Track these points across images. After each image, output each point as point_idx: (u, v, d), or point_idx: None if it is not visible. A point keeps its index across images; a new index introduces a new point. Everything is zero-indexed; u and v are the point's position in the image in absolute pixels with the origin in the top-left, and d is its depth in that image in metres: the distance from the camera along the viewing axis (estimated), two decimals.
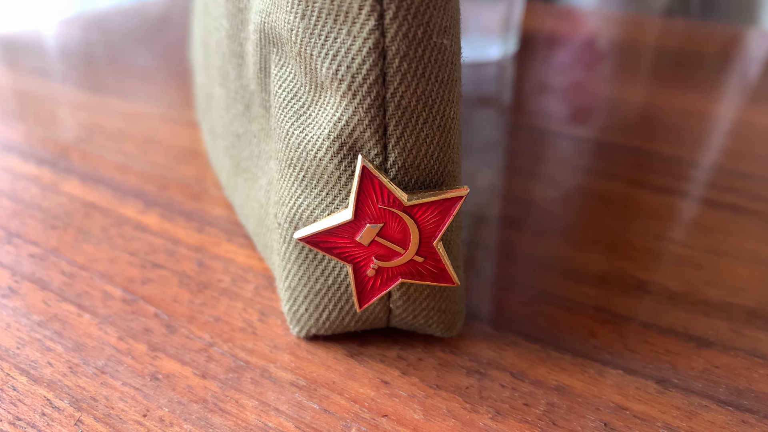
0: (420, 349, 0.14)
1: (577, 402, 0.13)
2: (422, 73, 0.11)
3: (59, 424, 0.12)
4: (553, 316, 0.15)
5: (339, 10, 0.10)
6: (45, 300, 0.15)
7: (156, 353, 0.14)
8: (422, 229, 0.12)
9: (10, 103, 0.27)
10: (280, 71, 0.12)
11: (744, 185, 0.22)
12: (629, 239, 0.18)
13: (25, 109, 0.26)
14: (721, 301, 0.16)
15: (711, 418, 0.13)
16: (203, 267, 0.16)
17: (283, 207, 0.13)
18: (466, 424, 0.12)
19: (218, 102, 0.17)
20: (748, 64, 0.37)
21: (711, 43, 0.41)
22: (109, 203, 0.19)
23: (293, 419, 0.12)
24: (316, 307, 0.13)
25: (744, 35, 0.43)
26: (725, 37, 0.42)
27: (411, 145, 0.11)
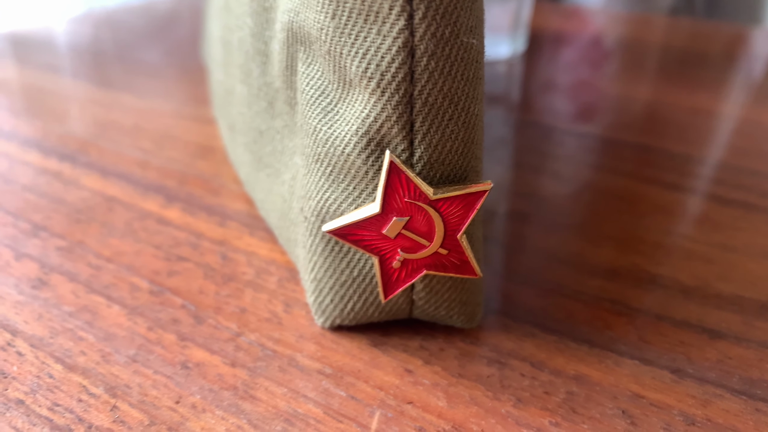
0: (441, 340, 0.14)
1: (595, 390, 0.13)
2: (449, 71, 0.11)
3: (96, 409, 0.12)
4: (569, 308, 0.16)
5: (370, 10, 0.11)
6: (74, 291, 0.16)
7: (185, 343, 0.14)
8: (447, 223, 0.12)
9: (26, 100, 0.27)
10: (308, 69, 0.13)
11: (752, 182, 0.22)
12: (640, 234, 0.19)
13: (41, 106, 0.27)
14: (732, 295, 0.16)
15: (725, 406, 0.13)
16: (227, 260, 0.17)
17: (310, 201, 0.13)
18: (489, 411, 0.12)
19: (239, 99, 0.18)
20: (754, 62, 0.37)
21: (716, 42, 0.41)
22: (130, 198, 0.20)
23: (322, 405, 0.12)
24: (341, 298, 0.14)
25: (749, 34, 0.44)
26: (730, 37, 0.42)
27: (437, 141, 0.12)
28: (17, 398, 0.13)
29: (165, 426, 0.12)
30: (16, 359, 0.14)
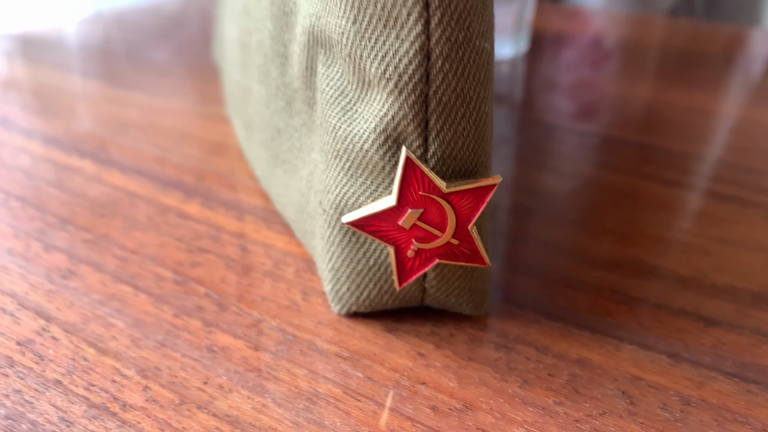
0: (451, 326, 0.15)
1: (597, 373, 0.14)
2: (462, 73, 0.12)
3: (129, 389, 0.13)
4: (572, 297, 0.16)
5: (389, 16, 0.11)
6: (102, 281, 0.16)
7: (210, 328, 0.15)
8: (458, 214, 0.13)
9: (44, 99, 0.28)
10: (328, 70, 0.14)
11: (748, 179, 0.23)
12: (640, 228, 0.20)
13: (59, 105, 0.27)
14: (727, 285, 0.17)
15: (719, 387, 0.14)
16: (246, 251, 0.18)
17: (329, 195, 0.14)
18: (497, 391, 0.13)
19: (257, 98, 0.19)
20: (752, 63, 0.38)
21: (715, 43, 0.42)
22: (150, 193, 0.20)
23: (341, 386, 0.13)
24: (357, 286, 0.15)
25: (748, 35, 0.44)
26: (729, 37, 0.43)
27: (450, 138, 0.12)
28: (55, 379, 0.13)
29: (194, 405, 0.13)
30: (52, 343, 0.14)
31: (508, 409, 0.13)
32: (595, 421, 0.13)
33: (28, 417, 0.13)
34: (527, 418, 0.13)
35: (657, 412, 0.13)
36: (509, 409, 0.13)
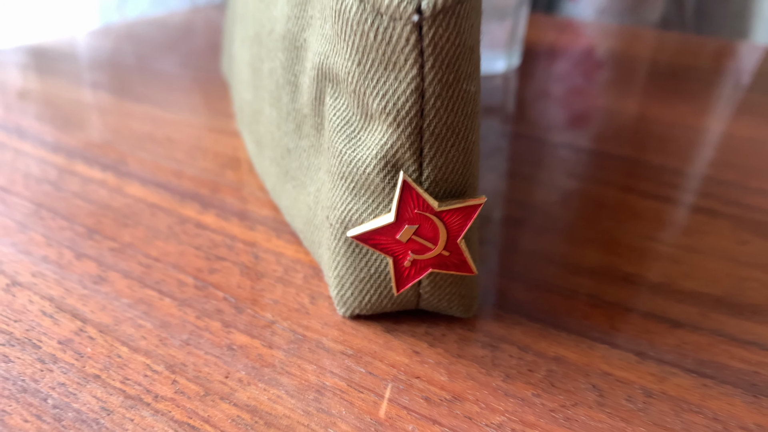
0: (443, 327, 0.17)
1: (571, 369, 0.16)
2: (451, 109, 0.14)
3: (159, 383, 0.15)
4: (552, 301, 0.18)
5: (389, 61, 0.13)
6: (129, 286, 0.18)
7: (229, 329, 0.17)
8: (449, 230, 0.15)
9: (65, 113, 0.30)
10: (335, 102, 0.15)
11: (720, 191, 0.25)
12: (619, 238, 0.22)
13: (78, 119, 0.29)
14: (693, 291, 0.19)
15: (678, 382, 0.16)
16: (259, 259, 0.19)
17: (335, 211, 0.16)
18: (483, 384, 0.15)
19: (268, 119, 0.21)
20: (737, 76, 0.40)
21: (702, 56, 0.44)
22: (170, 204, 0.22)
23: (345, 379, 0.15)
24: (360, 291, 0.16)
25: (735, 48, 0.46)
26: (716, 50, 0.45)
27: (441, 164, 0.14)
28: (94, 373, 0.15)
29: (217, 396, 0.15)
30: (89, 342, 0.16)
31: (492, 400, 0.15)
32: (568, 411, 0.15)
33: (73, 407, 0.14)
34: (508, 407, 0.15)
35: (622, 403, 0.15)
36: (493, 400, 0.15)
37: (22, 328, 0.17)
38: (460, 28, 0.13)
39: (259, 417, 0.14)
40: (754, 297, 0.19)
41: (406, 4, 0.12)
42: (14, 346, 0.16)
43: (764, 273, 0.20)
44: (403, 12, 0.12)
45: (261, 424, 0.14)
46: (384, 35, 0.13)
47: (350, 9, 0.13)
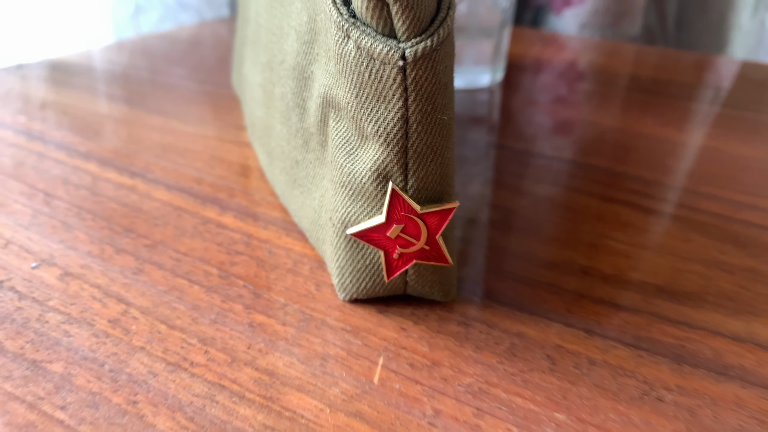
0: (426, 309, 0.20)
1: (530, 343, 0.19)
2: (430, 132, 0.17)
3: (193, 352, 0.18)
4: (518, 289, 0.22)
5: (380, 95, 0.17)
6: (163, 276, 0.22)
7: (249, 311, 0.20)
8: (429, 228, 0.18)
9: (92, 124, 0.33)
10: (337, 124, 0.19)
11: (674, 196, 0.29)
12: (578, 237, 0.25)
13: (106, 130, 0.33)
14: (639, 281, 0.23)
15: (618, 353, 0.19)
16: (272, 254, 0.23)
17: (337, 213, 0.19)
18: (456, 354, 0.19)
19: (279, 135, 0.24)
20: (705, 90, 0.43)
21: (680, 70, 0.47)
22: (193, 207, 0.26)
23: (345, 349, 0.19)
24: (357, 279, 0.20)
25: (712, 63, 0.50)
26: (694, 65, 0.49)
27: (422, 176, 0.18)
28: (140, 346, 0.19)
29: (242, 362, 0.18)
30: (133, 322, 0.20)
31: (464, 365, 0.18)
32: (525, 375, 0.18)
33: (125, 371, 0.18)
34: (476, 371, 0.18)
35: (570, 369, 0.18)
36: (464, 365, 0.18)
37: (77, 310, 0.20)
38: (435, 69, 0.16)
39: (276, 378, 0.18)
40: (690, 286, 0.22)
41: (393, 52, 0.16)
42: (72, 324, 0.19)
43: (702, 266, 0.24)
44: (391, 58, 0.16)
45: (278, 383, 0.17)
46: (376, 75, 0.16)
47: (350, 54, 0.17)
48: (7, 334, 0.19)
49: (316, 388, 0.17)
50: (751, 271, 0.24)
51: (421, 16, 0.16)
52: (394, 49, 0.16)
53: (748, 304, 0.22)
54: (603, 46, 0.54)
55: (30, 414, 0.16)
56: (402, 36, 0.16)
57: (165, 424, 0.16)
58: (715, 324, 0.21)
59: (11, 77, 0.41)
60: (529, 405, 0.17)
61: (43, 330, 0.19)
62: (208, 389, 0.17)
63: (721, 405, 0.18)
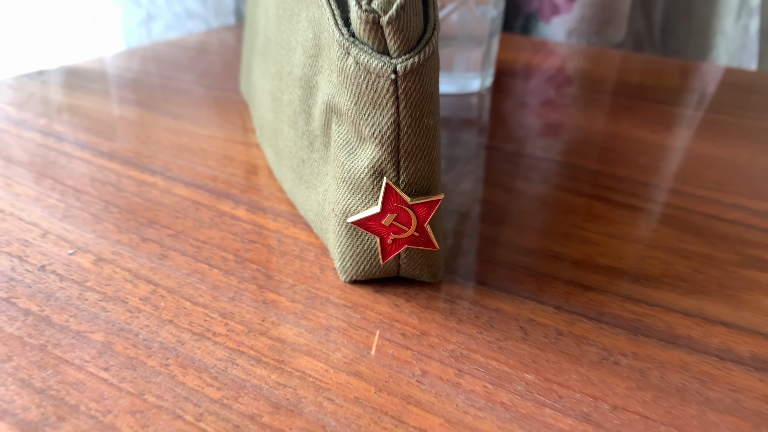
0: (416, 288, 0.23)
1: (507, 317, 0.22)
2: (418, 135, 0.20)
3: (215, 325, 0.21)
4: (498, 272, 0.25)
5: (375, 103, 0.20)
6: (186, 261, 0.25)
7: (262, 290, 0.23)
8: (418, 217, 0.21)
9: (113, 127, 0.36)
10: (339, 128, 0.22)
11: (643, 191, 0.32)
12: (554, 227, 0.28)
13: (125, 132, 0.36)
14: (605, 265, 0.26)
15: (582, 326, 0.22)
16: (281, 242, 0.26)
17: (338, 205, 0.22)
18: (442, 326, 0.22)
19: (286, 136, 0.27)
20: (685, 94, 0.46)
21: (657, 75, 0.50)
22: (209, 202, 0.29)
23: (346, 322, 0.22)
24: (356, 262, 0.23)
25: (697, 69, 0.53)
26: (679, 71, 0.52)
27: (412, 172, 0.21)
28: (168, 319, 0.22)
29: (257, 332, 0.21)
30: (161, 300, 0.23)
31: (448, 335, 0.21)
32: (501, 343, 0.21)
33: (157, 340, 0.21)
34: (459, 340, 0.21)
35: (540, 339, 0.21)
36: (448, 335, 0.21)
37: (111, 290, 0.23)
38: (422, 81, 0.19)
39: (287, 345, 0.21)
40: (651, 270, 0.25)
41: (386, 67, 0.19)
42: (108, 301, 0.22)
43: (662, 253, 0.27)
44: (384, 72, 0.19)
45: (288, 349, 0.20)
46: (372, 86, 0.19)
47: (350, 68, 0.20)
48: (53, 309, 0.22)
49: (321, 353, 0.20)
50: (706, 257, 0.26)
51: (410, 36, 0.19)
52: (387, 65, 0.19)
53: (701, 285, 0.25)
54: (588, 52, 0.57)
55: (79, 374, 0.19)
56: (394, 53, 0.19)
57: (193, 383, 0.19)
58: (670, 302, 0.24)
59: (33, 82, 0.44)
60: (503, 367, 0.20)
61: (83, 306, 0.22)
62: (229, 354, 0.20)
63: (668, 368, 0.21)
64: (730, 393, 0.20)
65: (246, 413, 0.18)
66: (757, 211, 0.30)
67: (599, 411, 0.19)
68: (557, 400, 0.19)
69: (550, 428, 0.18)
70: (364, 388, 0.19)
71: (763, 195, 0.32)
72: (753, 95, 0.47)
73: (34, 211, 0.28)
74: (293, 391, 0.19)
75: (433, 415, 0.18)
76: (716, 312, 0.23)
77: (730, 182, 0.33)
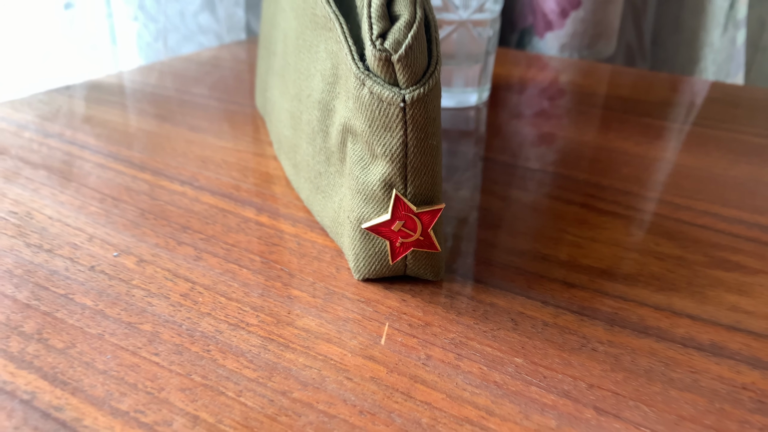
0: (421, 285, 0.27)
1: (500, 310, 0.26)
2: (422, 153, 0.24)
3: (248, 316, 0.25)
4: (493, 272, 0.28)
5: (386, 126, 0.23)
6: (218, 262, 0.28)
7: (287, 287, 0.26)
8: (423, 224, 0.25)
9: (140, 140, 0.40)
10: (354, 146, 0.25)
11: (624, 199, 0.35)
12: (543, 232, 0.31)
13: (153, 144, 0.39)
14: (587, 265, 0.29)
15: (565, 318, 0.25)
16: (300, 245, 0.29)
17: (353, 213, 0.26)
18: (443, 317, 0.25)
19: (305, 151, 0.30)
20: (670, 108, 0.50)
21: (652, 90, 0.54)
22: (234, 209, 0.32)
23: (360, 314, 0.25)
24: (369, 263, 0.26)
25: (683, 83, 0.57)
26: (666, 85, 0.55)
27: (418, 185, 0.24)
28: (206, 312, 0.25)
29: (284, 323, 0.24)
30: (199, 295, 0.26)
31: (448, 325, 0.25)
32: (494, 332, 0.24)
33: (198, 329, 0.24)
34: (458, 330, 0.24)
35: (528, 329, 0.25)
36: (449, 326, 0.25)
37: (155, 287, 0.26)
38: (427, 108, 0.23)
39: (311, 334, 0.24)
40: (628, 269, 0.29)
41: (396, 97, 0.22)
42: (153, 297, 0.26)
43: (639, 255, 0.30)
44: (394, 101, 0.22)
45: (312, 337, 0.24)
46: (384, 112, 0.23)
47: (365, 96, 0.23)
48: (106, 304, 0.25)
49: (340, 341, 0.24)
50: (678, 258, 0.30)
51: (417, 71, 0.22)
52: (397, 95, 0.22)
53: (671, 283, 0.28)
54: (580, 66, 0.61)
55: (134, 358, 0.23)
56: (403, 85, 0.23)
57: (232, 365, 0.22)
58: (643, 297, 0.27)
59: (61, 97, 0.47)
60: (496, 353, 0.24)
61: (131, 301, 0.25)
62: (262, 341, 0.24)
63: (639, 353, 0.24)
64: (690, 374, 0.23)
65: (279, 390, 0.21)
66: (726, 217, 0.34)
67: (578, 389, 0.22)
68: (542, 379, 0.22)
69: (535, 403, 0.21)
70: (377, 369, 0.22)
71: (732, 202, 0.35)
72: (733, 108, 0.51)
73: (78, 217, 0.31)
74: (318, 372, 0.22)
75: (436, 391, 0.22)
76: (683, 306, 0.27)
77: (703, 190, 0.37)
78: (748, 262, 0.30)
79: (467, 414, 0.21)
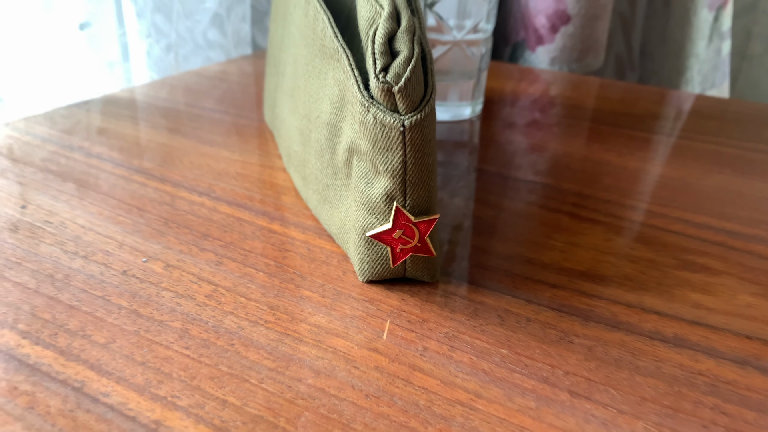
0: (419, 286, 0.30)
1: (487, 307, 0.29)
2: (420, 170, 0.27)
3: (265, 314, 0.28)
4: (482, 273, 0.31)
5: (387, 146, 0.26)
6: (237, 267, 0.31)
7: (299, 288, 0.30)
8: (420, 232, 0.28)
9: (159, 153, 0.43)
10: (359, 164, 0.29)
11: (605, 207, 0.38)
12: (529, 237, 0.35)
13: (171, 158, 0.42)
14: (568, 267, 0.32)
15: (546, 314, 0.29)
16: (310, 251, 0.33)
17: (358, 222, 0.29)
18: (438, 314, 0.28)
19: (313, 166, 0.34)
20: (653, 120, 0.53)
21: (638, 103, 0.57)
22: (250, 218, 0.35)
23: (364, 312, 0.28)
24: (372, 266, 0.29)
25: (668, 96, 0.60)
26: (653, 98, 0.59)
27: (416, 198, 0.27)
28: (229, 311, 0.28)
29: (298, 320, 0.28)
30: (222, 296, 0.29)
31: (443, 321, 0.28)
32: (483, 327, 0.28)
33: (222, 326, 0.27)
34: (451, 325, 0.28)
35: (513, 324, 0.28)
36: (443, 321, 0.28)
37: (182, 289, 0.30)
38: (423, 132, 0.26)
39: (321, 329, 0.27)
40: (605, 271, 0.32)
41: (397, 122, 0.26)
42: (180, 298, 0.29)
43: (614, 258, 0.33)
44: (395, 125, 0.26)
45: (323, 332, 0.27)
46: (386, 135, 0.26)
47: (369, 121, 0.26)
48: (139, 304, 0.29)
49: (348, 335, 0.27)
50: (650, 261, 0.33)
51: (415, 99, 0.26)
52: (398, 120, 0.26)
53: (642, 283, 0.31)
54: (569, 79, 0.64)
55: (167, 351, 0.26)
56: (402, 112, 0.26)
57: (254, 357, 0.26)
58: (616, 296, 0.30)
59: (80, 111, 0.51)
60: (484, 344, 0.27)
61: (161, 302, 0.29)
62: (279, 336, 0.27)
63: (610, 345, 0.27)
64: (654, 362, 0.26)
65: (295, 377, 0.25)
66: (697, 224, 0.37)
67: (555, 375, 0.25)
68: (524, 367, 0.26)
69: (518, 387, 0.25)
70: (380, 359, 0.26)
71: (703, 210, 0.39)
72: (712, 121, 0.54)
73: (108, 226, 0.34)
74: (329, 362, 0.25)
75: (432, 378, 0.25)
76: (652, 304, 0.30)
77: (678, 199, 0.40)
78: (712, 264, 0.33)
79: (459, 397, 0.24)
